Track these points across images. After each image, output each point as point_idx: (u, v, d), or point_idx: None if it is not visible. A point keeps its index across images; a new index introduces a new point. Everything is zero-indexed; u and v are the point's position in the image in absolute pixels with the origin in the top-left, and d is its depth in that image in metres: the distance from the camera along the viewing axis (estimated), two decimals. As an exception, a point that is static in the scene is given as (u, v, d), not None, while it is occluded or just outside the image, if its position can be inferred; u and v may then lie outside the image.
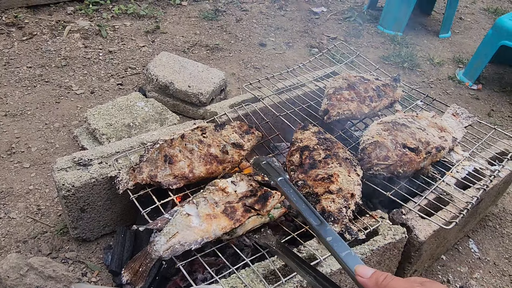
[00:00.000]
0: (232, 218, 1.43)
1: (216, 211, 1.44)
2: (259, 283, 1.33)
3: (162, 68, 2.95)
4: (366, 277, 0.82)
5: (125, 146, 1.91)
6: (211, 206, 1.46)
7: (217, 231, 1.39)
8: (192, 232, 1.38)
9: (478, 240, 2.25)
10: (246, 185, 1.58)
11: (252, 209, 1.46)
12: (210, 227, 1.39)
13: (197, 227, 1.39)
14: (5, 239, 1.96)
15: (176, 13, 4.37)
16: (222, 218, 1.42)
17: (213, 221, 1.40)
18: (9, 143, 2.51)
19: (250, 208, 1.46)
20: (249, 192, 1.53)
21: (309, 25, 4.49)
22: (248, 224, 1.45)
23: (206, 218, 1.41)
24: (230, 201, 1.49)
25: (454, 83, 3.81)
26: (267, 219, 1.50)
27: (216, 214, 1.43)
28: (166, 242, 1.36)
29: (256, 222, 1.48)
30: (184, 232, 1.38)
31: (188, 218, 1.42)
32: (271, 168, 1.55)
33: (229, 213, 1.44)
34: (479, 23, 5.15)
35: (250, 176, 1.64)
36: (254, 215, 1.46)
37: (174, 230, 1.38)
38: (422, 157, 1.79)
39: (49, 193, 2.21)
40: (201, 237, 1.38)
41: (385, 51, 4.15)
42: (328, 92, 2.14)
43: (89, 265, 1.86)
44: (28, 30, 3.63)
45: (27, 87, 3.00)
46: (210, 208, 1.45)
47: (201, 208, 1.44)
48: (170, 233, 1.38)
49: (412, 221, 1.65)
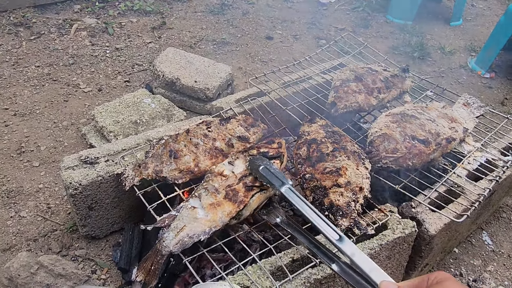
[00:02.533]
0: (235, 201, 1.42)
1: (218, 198, 1.43)
2: (266, 279, 1.32)
3: (168, 64, 2.94)
4: None
5: (131, 144, 1.91)
6: (213, 195, 1.45)
7: (224, 218, 1.39)
8: (199, 223, 1.38)
9: (491, 232, 2.21)
10: (242, 162, 1.56)
11: (253, 187, 1.44)
12: (216, 216, 1.39)
13: (204, 218, 1.39)
14: (16, 237, 1.98)
15: (182, 8, 4.35)
16: (225, 204, 1.41)
17: (217, 209, 1.40)
18: (19, 142, 2.53)
19: (251, 187, 1.44)
20: (248, 170, 1.51)
21: (317, 17, 4.43)
22: (253, 203, 1.44)
23: (210, 207, 1.41)
24: (230, 184, 1.47)
25: (466, 72, 3.73)
26: (272, 192, 1.48)
27: (219, 201, 1.42)
28: (174, 237, 1.36)
29: (261, 199, 1.46)
30: (191, 225, 1.38)
31: (194, 211, 1.42)
32: (270, 174, 1.46)
33: (231, 197, 1.43)
34: (491, 9, 5.03)
35: (245, 152, 1.62)
36: (257, 192, 1.44)
37: (181, 224, 1.39)
38: (432, 149, 1.75)
39: (59, 191, 2.23)
40: (208, 227, 1.37)
41: (394, 41, 4.08)
42: (335, 85, 2.10)
43: (99, 263, 1.87)
44: (35, 29, 3.65)
45: (35, 86, 3.02)
46: (212, 197, 1.44)
47: (204, 199, 1.44)
48: (177, 228, 1.38)
49: (422, 214, 1.61)
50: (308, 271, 1.34)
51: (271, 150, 1.62)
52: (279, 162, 1.59)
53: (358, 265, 1.01)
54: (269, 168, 1.48)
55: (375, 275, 0.95)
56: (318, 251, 1.28)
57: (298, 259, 1.40)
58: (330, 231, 1.20)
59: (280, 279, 1.32)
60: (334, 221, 1.49)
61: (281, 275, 1.35)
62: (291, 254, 1.41)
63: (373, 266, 0.98)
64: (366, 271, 0.98)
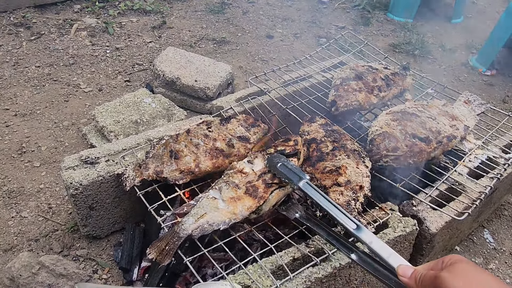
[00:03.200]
0: (255, 196, 1.46)
1: (239, 193, 1.47)
2: (267, 278, 1.32)
3: (168, 64, 2.94)
4: (406, 276, 0.84)
5: (131, 143, 1.91)
6: (233, 189, 1.49)
7: (244, 212, 1.43)
8: (220, 213, 1.42)
9: (493, 230, 2.20)
10: (261, 161, 1.61)
11: (273, 184, 1.48)
12: (236, 208, 1.43)
13: (224, 209, 1.43)
14: (17, 237, 1.98)
15: (182, 7, 4.35)
16: (246, 199, 1.45)
17: (237, 203, 1.44)
18: (20, 142, 2.53)
19: (271, 184, 1.48)
20: (267, 168, 1.55)
21: (317, 15, 4.43)
22: (272, 199, 1.48)
23: (231, 201, 1.45)
24: (250, 181, 1.52)
25: (467, 70, 3.72)
26: (290, 189, 1.51)
27: (240, 196, 1.46)
28: (194, 222, 1.39)
29: (280, 195, 1.50)
30: (212, 213, 1.42)
31: (215, 201, 1.46)
32: (288, 170, 1.51)
33: (251, 192, 1.47)
34: (492, 6, 5.02)
35: (263, 151, 1.65)
36: (276, 189, 1.48)
37: (202, 211, 1.42)
38: (432, 147, 1.75)
39: (60, 191, 2.23)
40: (228, 218, 1.41)
41: (395, 39, 4.07)
42: (336, 83, 2.10)
43: (100, 262, 1.88)
44: (36, 29, 3.65)
45: (36, 87, 3.02)
46: (232, 191, 1.48)
47: (224, 193, 1.48)
48: (198, 214, 1.41)
49: (423, 212, 1.61)
50: (309, 269, 1.34)
51: (288, 148, 1.66)
52: (297, 159, 1.63)
53: (376, 252, 1.06)
54: (287, 165, 1.52)
55: (393, 260, 0.98)
56: (337, 243, 1.31)
57: (299, 258, 1.40)
58: (348, 221, 1.24)
59: (281, 278, 1.32)
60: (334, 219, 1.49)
61: (282, 274, 1.35)
62: (291, 253, 1.41)
63: (391, 251, 1.02)
64: (384, 257, 1.01)
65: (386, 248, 1.04)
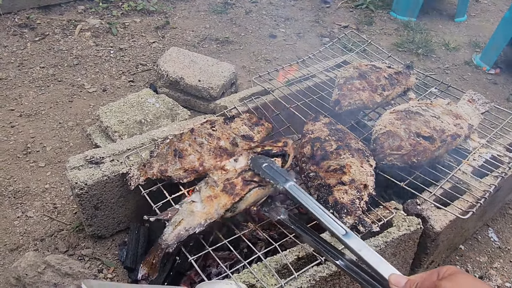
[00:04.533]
0: (231, 193, 1.44)
1: (216, 191, 1.46)
2: (272, 277, 1.32)
3: (172, 64, 2.95)
4: (400, 286, 0.84)
5: (136, 143, 1.92)
6: (211, 188, 1.48)
7: (219, 210, 1.41)
8: (195, 216, 1.41)
9: (497, 229, 2.20)
10: (245, 159, 1.58)
11: (252, 182, 1.45)
12: (212, 208, 1.42)
13: (200, 210, 1.42)
14: (23, 237, 2.00)
15: (186, 7, 4.35)
16: (222, 196, 1.44)
17: (214, 202, 1.43)
18: (25, 143, 2.55)
19: (250, 181, 1.45)
20: (248, 166, 1.52)
21: (320, 14, 4.43)
22: (250, 197, 1.45)
23: (207, 200, 1.44)
24: (228, 178, 1.50)
25: (471, 68, 3.71)
26: (272, 189, 1.48)
27: (216, 194, 1.45)
28: (172, 231, 1.40)
29: (259, 194, 1.47)
30: (188, 218, 1.41)
31: (192, 205, 1.46)
32: (274, 171, 1.48)
33: (228, 189, 1.45)
34: (496, 5, 4.99)
35: (249, 150, 1.63)
36: (255, 187, 1.45)
37: (179, 218, 1.42)
38: (436, 146, 1.75)
39: (65, 191, 2.24)
40: (204, 219, 1.40)
41: (398, 38, 4.06)
42: (339, 82, 2.10)
43: (105, 262, 1.89)
44: (40, 30, 3.67)
45: (40, 87, 3.04)
46: (210, 190, 1.47)
47: (202, 192, 1.48)
48: (176, 222, 1.41)
49: (427, 211, 1.61)
50: (314, 268, 1.34)
51: (275, 148, 1.63)
52: (281, 160, 1.59)
53: (365, 260, 1.01)
54: (272, 166, 1.49)
55: (384, 269, 0.95)
56: (323, 248, 1.28)
57: (304, 257, 1.41)
58: (336, 226, 1.20)
59: (286, 277, 1.32)
60: (339, 218, 1.49)
61: (287, 273, 1.36)
62: (296, 252, 1.41)
63: (381, 260, 0.98)
64: (374, 266, 0.98)
65: (376, 256, 1.01)
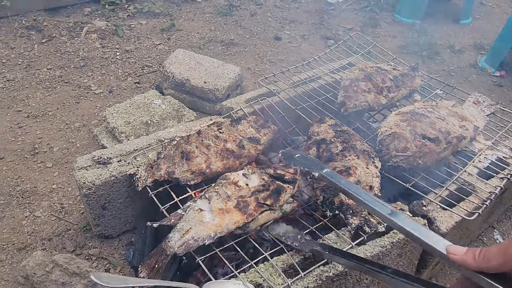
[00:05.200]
0: (244, 212, 1.43)
1: (229, 206, 1.45)
2: (278, 277, 1.33)
3: (178, 65, 2.97)
4: (461, 254, 0.81)
5: (143, 144, 1.93)
6: (224, 201, 1.46)
7: (230, 226, 1.40)
8: (205, 227, 1.39)
9: (503, 230, 2.20)
10: (258, 178, 1.58)
11: (264, 204, 1.46)
12: (223, 221, 1.40)
13: (210, 222, 1.40)
14: (31, 237, 2.02)
15: (191, 9, 4.38)
16: (234, 213, 1.43)
17: (225, 216, 1.41)
18: (32, 143, 2.57)
19: (263, 204, 1.46)
20: (261, 187, 1.53)
21: (325, 17, 4.44)
22: (261, 219, 1.46)
23: (219, 212, 1.42)
24: (242, 196, 1.49)
25: (476, 71, 3.71)
26: (280, 214, 1.50)
27: (229, 209, 1.44)
28: (180, 238, 1.38)
29: (269, 217, 1.48)
30: (197, 228, 1.39)
31: (201, 214, 1.43)
32: (308, 160, 1.52)
33: (241, 207, 1.45)
34: (501, 7, 5.00)
35: (262, 169, 1.64)
36: (267, 210, 1.46)
37: (187, 226, 1.40)
38: (442, 148, 1.75)
39: (72, 191, 2.27)
40: (214, 232, 1.39)
41: (403, 40, 4.07)
42: (344, 84, 2.11)
43: (112, 261, 1.90)
44: (47, 32, 3.70)
45: (47, 89, 3.07)
46: (222, 203, 1.46)
47: (214, 203, 1.46)
48: (183, 229, 1.40)
49: (433, 212, 1.62)
50: (320, 268, 1.35)
51: (287, 174, 1.64)
52: (292, 187, 1.61)
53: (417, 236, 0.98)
54: (306, 156, 1.52)
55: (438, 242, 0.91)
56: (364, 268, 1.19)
57: (310, 257, 1.41)
58: (381, 206, 1.17)
59: (292, 276, 1.33)
60: (344, 219, 1.50)
61: (293, 272, 1.37)
62: (302, 252, 1.42)
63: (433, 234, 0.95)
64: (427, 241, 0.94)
65: (427, 231, 0.97)
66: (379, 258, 1.47)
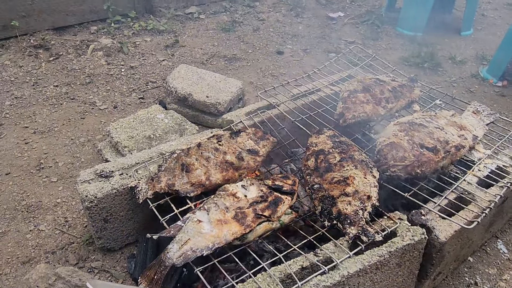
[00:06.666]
0: (242, 223, 1.45)
1: (227, 217, 1.46)
2: (276, 286, 1.34)
3: (180, 80, 3.02)
4: None
5: (144, 157, 1.96)
6: (222, 212, 1.48)
7: (228, 236, 1.42)
8: (203, 238, 1.41)
9: (507, 240, 2.18)
10: (256, 189, 1.60)
11: (262, 216, 1.47)
12: (221, 232, 1.42)
13: (208, 233, 1.42)
14: (35, 250, 2.04)
15: (195, 26, 4.47)
16: (232, 224, 1.44)
17: (223, 227, 1.43)
18: (38, 158, 2.62)
19: (260, 215, 1.47)
20: (260, 198, 1.54)
21: (326, 31, 4.50)
22: (259, 230, 1.47)
23: (217, 223, 1.44)
24: (240, 207, 1.51)
25: (478, 81, 3.71)
26: (278, 225, 1.52)
27: (227, 220, 1.45)
28: (178, 249, 1.39)
29: (266, 228, 1.50)
30: (195, 239, 1.41)
31: (199, 225, 1.45)
32: None
33: (239, 218, 1.46)
34: (503, 18, 5.02)
35: (260, 180, 1.66)
36: (265, 221, 1.47)
37: (186, 237, 1.42)
38: (440, 157, 1.76)
39: (76, 205, 2.30)
40: (212, 243, 1.40)
41: (404, 52, 4.10)
42: (343, 96, 2.13)
43: (114, 274, 1.92)
44: (54, 50, 3.80)
45: (54, 105, 3.13)
46: (221, 214, 1.47)
47: (212, 214, 1.47)
48: (182, 240, 1.41)
49: (432, 221, 1.62)
50: (317, 278, 1.35)
51: (286, 186, 1.66)
52: (291, 198, 1.63)
53: None
54: None
55: None
56: None
57: (308, 266, 1.42)
58: None
59: (290, 286, 1.33)
60: (342, 229, 1.50)
61: (291, 282, 1.37)
62: (300, 262, 1.43)
63: None
64: None
65: None
66: (377, 268, 1.46)
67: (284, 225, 1.57)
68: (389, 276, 1.55)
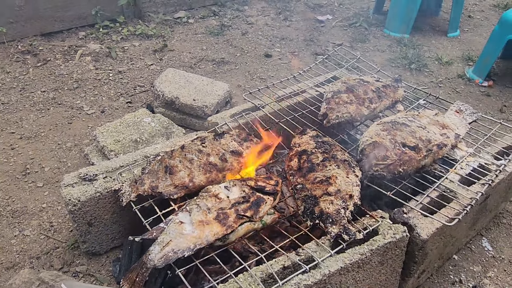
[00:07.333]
0: (224, 224, 1.45)
1: (209, 218, 1.47)
2: (257, 286, 1.34)
3: (168, 84, 3.02)
4: None
5: (129, 160, 1.96)
6: (204, 213, 1.48)
7: (209, 237, 1.42)
8: (184, 239, 1.41)
9: (491, 238, 2.19)
10: (239, 190, 1.60)
11: (244, 216, 1.48)
12: (203, 233, 1.42)
13: (190, 234, 1.42)
14: (19, 255, 2.03)
15: (183, 30, 4.48)
16: (214, 225, 1.44)
17: (205, 228, 1.43)
18: (24, 164, 2.61)
19: (242, 216, 1.48)
20: (242, 198, 1.55)
21: (315, 34, 4.52)
22: (241, 231, 1.48)
23: (199, 224, 1.44)
24: (222, 208, 1.51)
25: (464, 81, 3.75)
26: (260, 225, 1.52)
27: (209, 221, 1.45)
28: (160, 251, 1.39)
29: (248, 229, 1.50)
30: (177, 240, 1.41)
31: (181, 226, 1.45)
32: None
33: (221, 219, 1.46)
34: (489, 20, 5.07)
35: (243, 181, 1.66)
36: (247, 222, 1.48)
37: (167, 239, 1.42)
38: (422, 155, 1.77)
39: (61, 210, 2.28)
40: (193, 244, 1.41)
41: (391, 54, 4.13)
42: (327, 96, 2.15)
43: (99, 278, 1.90)
44: (42, 56, 3.79)
45: (41, 110, 3.12)
46: (202, 215, 1.47)
47: (194, 215, 1.47)
48: (163, 242, 1.41)
49: (413, 219, 1.63)
50: (298, 277, 1.36)
51: (268, 186, 1.66)
52: (273, 199, 1.63)
53: None
54: None
55: None
56: None
57: (289, 266, 1.42)
58: None
59: (271, 286, 1.33)
60: (324, 228, 1.51)
61: (272, 282, 1.37)
62: (282, 262, 1.43)
63: None
64: None
65: None
66: (359, 266, 1.47)
67: (266, 226, 1.57)
68: (371, 275, 1.56)
